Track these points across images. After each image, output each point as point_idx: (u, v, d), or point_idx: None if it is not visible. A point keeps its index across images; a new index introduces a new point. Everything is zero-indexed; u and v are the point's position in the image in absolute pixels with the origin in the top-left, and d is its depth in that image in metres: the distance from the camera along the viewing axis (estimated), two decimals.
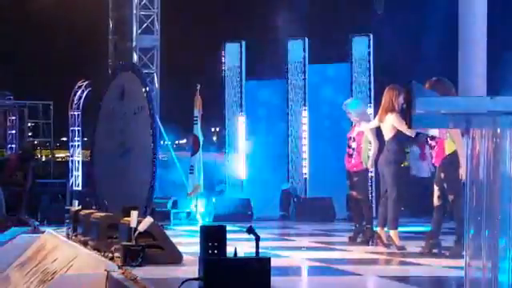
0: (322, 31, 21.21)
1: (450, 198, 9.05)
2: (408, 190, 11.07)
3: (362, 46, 17.20)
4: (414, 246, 9.91)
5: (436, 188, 9.25)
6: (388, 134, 10.05)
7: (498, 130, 4.34)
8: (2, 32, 31.44)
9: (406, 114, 4.48)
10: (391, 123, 9.91)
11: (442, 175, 9.10)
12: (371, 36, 17.26)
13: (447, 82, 9.18)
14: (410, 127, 4.52)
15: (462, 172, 8.98)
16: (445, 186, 9.10)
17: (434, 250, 9.19)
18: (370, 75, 17.08)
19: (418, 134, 9.78)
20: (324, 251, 10.04)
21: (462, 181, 8.89)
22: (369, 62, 17.15)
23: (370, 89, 16.97)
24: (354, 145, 10.98)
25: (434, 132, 8.88)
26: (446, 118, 4.63)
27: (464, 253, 4.18)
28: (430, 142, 9.39)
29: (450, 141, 8.99)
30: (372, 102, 16.48)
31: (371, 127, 10.63)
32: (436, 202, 9.27)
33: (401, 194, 9.94)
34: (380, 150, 10.41)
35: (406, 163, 11.51)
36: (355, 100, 12.77)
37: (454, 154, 8.99)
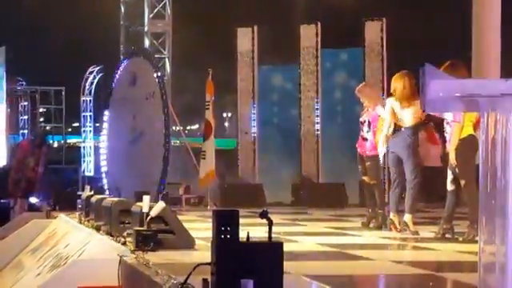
0: (335, 16, 21.12)
1: (462, 182, 9.00)
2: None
3: (374, 31, 17.12)
4: (427, 231, 9.88)
5: (449, 172, 9.21)
6: (412, 120, 9.98)
7: None
8: (15, 18, 31.48)
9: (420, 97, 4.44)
10: (418, 109, 9.79)
11: (454, 160, 9.05)
12: (384, 20, 17.18)
13: (462, 66, 9.13)
14: (423, 111, 4.48)
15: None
16: (457, 170, 9.06)
17: (447, 235, 9.16)
18: (382, 60, 17.00)
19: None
20: (337, 236, 10.02)
21: (474, 166, 8.86)
22: (382, 46, 17.07)
23: (382, 73, 16.90)
24: (368, 129, 10.91)
25: (448, 116, 8.80)
26: (460, 102, 4.58)
27: (478, 238, 4.14)
28: (444, 126, 9.33)
29: (463, 125, 8.93)
30: (385, 86, 16.41)
31: (389, 112, 10.46)
32: (449, 186, 9.23)
33: (421, 179, 9.94)
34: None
35: None
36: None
37: (467, 139, 8.94)
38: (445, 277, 6.64)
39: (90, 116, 22.82)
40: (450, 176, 9.22)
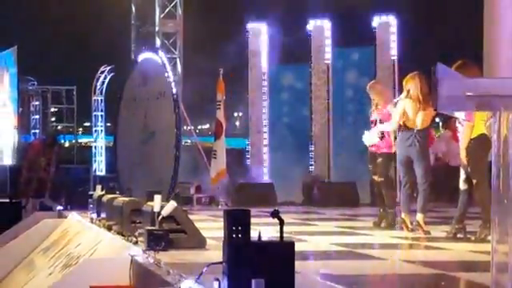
0: (346, 14, 21.09)
1: (474, 182, 8.97)
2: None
3: (386, 30, 17.09)
4: (438, 231, 9.86)
5: (462, 171, 9.18)
6: (425, 123, 9.96)
7: None
8: (27, 18, 31.59)
9: (432, 97, 4.42)
10: (432, 111, 9.78)
11: (467, 159, 9.02)
12: (395, 19, 17.14)
13: (473, 65, 9.09)
14: (435, 110, 4.46)
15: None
16: (469, 169, 9.02)
17: (459, 235, 9.13)
18: (394, 58, 16.97)
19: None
20: (348, 236, 10.00)
21: (486, 165, 8.83)
22: (393, 45, 17.03)
23: (393, 72, 16.86)
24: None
25: (460, 115, 8.79)
26: (472, 101, 4.56)
27: (490, 237, 4.12)
28: (457, 125, 9.30)
29: (475, 124, 8.90)
30: (396, 85, 16.38)
31: (400, 112, 10.41)
32: (462, 185, 9.20)
33: (432, 179, 9.95)
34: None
35: None
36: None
37: (479, 138, 8.91)
38: (457, 276, 6.62)
39: (102, 116, 22.86)
40: (462, 175, 9.19)
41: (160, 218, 7.90)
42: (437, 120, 18.84)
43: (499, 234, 4.35)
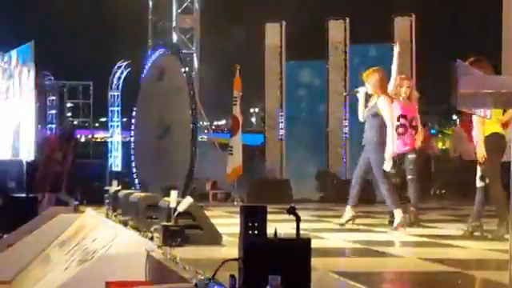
0: (363, 11, 21.04)
1: (488, 180, 8.92)
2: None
3: (404, 27, 17.01)
4: (455, 229, 9.82)
5: (478, 169, 9.13)
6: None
7: None
8: (44, 14, 31.68)
9: (452, 93, 4.40)
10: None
11: (481, 157, 8.96)
12: (414, 16, 17.06)
13: (486, 62, 9.04)
14: (455, 107, 4.44)
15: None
16: (483, 167, 8.97)
17: (476, 233, 9.08)
18: (411, 56, 16.89)
19: None
20: (364, 233, 9.97)
21: (499, 164, 8.81)
22: (411, 42, 16.96)
23: (411, 69, 16.79)
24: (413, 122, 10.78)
25: (478, 112, 8.73)
26: (491, 98, 4.53)
27: (507, 236, 4.09)
28: (473, 122, 9.24)
29: (489, 122, 8.84)
30: (414, 82, 16.30)
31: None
32: (478, 183, 9.16)
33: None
34: None
35: None
36: None
37: (493, 136, 8.86)
38: (473, 275, 6.59)
39: (118, 111, 22.90)
40: (479, 172, 9.14)
41: (176, 213, 7.90)
42: (454, 117, 18.79)
43: None
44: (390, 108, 10.12)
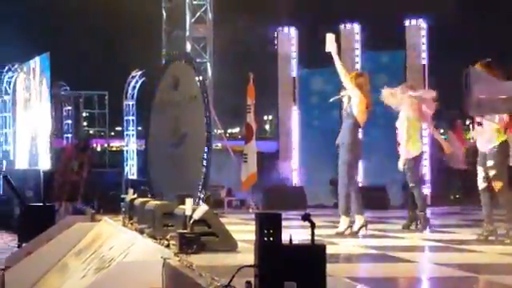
0: (375, 17, 21.07)
1: (497, 185, 8.92)
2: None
3: (416, 33, 17.05)
4: (469, 234, 9.84)
5: (480, 170, 9.13)
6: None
7: None
8: (60, 24, 31.85)
9: (465, 100, 4.46)
10: None
11: (491, 163, 8.96)
12: (426, 22, 17.10)
13: (498, 66, 9.09)
14: (467, 112, 4.49)
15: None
16: (491, 173, 8.96)
17: (491, 238, 9.10)
18: (424, 62, 16.93)
19: None
20: (379, 238, 10.01)
21: (507, 169, 8.88)
22: (423, 49, 17.00)
23: (423, 76, 16.82)
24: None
25: (493, 117, 8.80)
26: (505, 104, 4.58)
27: None
28: (475, 127, 9.25)
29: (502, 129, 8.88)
30: (427, 88, 16.32)
31: None
32: (481, 184, 9.16)
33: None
34: None
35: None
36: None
37: (504, 144, 8.90)
38: (488, 279, 6.61)
39: (133, 120, 22.99)
40: (481, 174, 9.14)
41: (192, 221, 7.95)
42: (467, 122, 18.78)
43: None
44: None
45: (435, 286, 6.52)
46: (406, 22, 17.21)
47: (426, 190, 14.97)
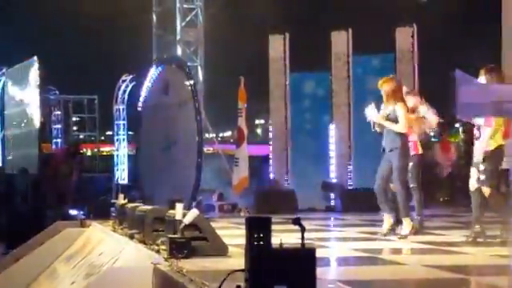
0: (366, 21, 21.11)
1: (487, 191, 8.96)
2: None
3: (405, 37, 17.08)
4: (458, 235, 9.85)
5: (473, 172, 9.16)
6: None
7: None
8: (48, 28, 31.78)
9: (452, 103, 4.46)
10: None
11: (483, 166, 8.99)
12: (415, 26, 17.13)
13: (499, 71, 9.15)
14: (455, 115, 4.50)
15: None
16: (482, 177, 8.99)
17: (479, 239, 9.12)
18: (414, 65, 16.95)
19: None
20: (370, 241, 10.01)
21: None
22: (412, 52, 17.02)
23: (414, 79, 16.84)
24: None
25: (479, 121, 8.86)
26: (491, 107, 4.59)
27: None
28: (474, 132, 9.29)
29: (497, 133, 8.92)
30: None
31: None
32: (472, 186, 9.19)
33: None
34: None
35: None
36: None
37: (498, 150, 8.93)
38: (477, 281, 6.62)
39: (123, 124, 22.92)
40: (474, 176, 9.16)
41: (182, 226, 7.94)
42: (456, 125, 18.82)
43: None
44: (407, 114, 10.25)
45: None
46: (396, 26, 17.24)
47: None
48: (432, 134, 11.46)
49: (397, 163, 10.05)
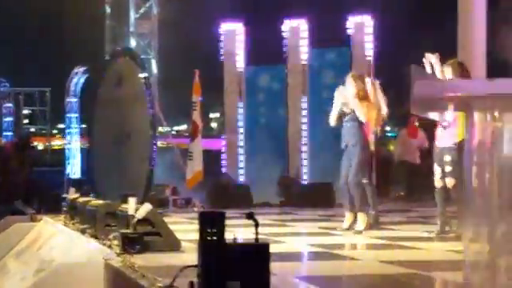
0: (321, 14, 21.11)
1: (451, 182, 9.01)
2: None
3: (361, 30, 17.11)
4: (415, 231, 9.87)
5: (438, 169, 9.19)
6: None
7: (497, 113, 4.28)
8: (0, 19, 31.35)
9: (407, 98, 4.42)
10: None
11: (449, 158, 9.04)
12: (371, 19, 17.16)
13: (466, 67, 9.19)
14: (410, 110, 4.46)
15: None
16: (448, 168, 9.04)
17: (447, 228, 9.15)
18: (369, 59, 17.00)
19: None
20: (325, 236, 9.99)
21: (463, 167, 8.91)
22: (367, 43, 17.08)
23: (370, 72, 16.87)
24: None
25: (448, 116, 8.85)
26: (446, 101, 4.55)
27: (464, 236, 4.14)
28: (442, 123, 9.28)
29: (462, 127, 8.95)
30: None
31: None
32: (438, 183, 9.23)
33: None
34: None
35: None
36: None
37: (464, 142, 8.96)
38: (431, 276, 6.62)
39: (76, 117, 22.69)
40: (438, 173, 9.20)
41: (135, 220, 7.84)
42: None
43: (472, 232, 4.35)
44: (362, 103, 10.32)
45: (378, 283, 6.50)
46: (351, 19, 17.25)
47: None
48: (388, 128, 11.47)
49: (357, 158, 10.06)
